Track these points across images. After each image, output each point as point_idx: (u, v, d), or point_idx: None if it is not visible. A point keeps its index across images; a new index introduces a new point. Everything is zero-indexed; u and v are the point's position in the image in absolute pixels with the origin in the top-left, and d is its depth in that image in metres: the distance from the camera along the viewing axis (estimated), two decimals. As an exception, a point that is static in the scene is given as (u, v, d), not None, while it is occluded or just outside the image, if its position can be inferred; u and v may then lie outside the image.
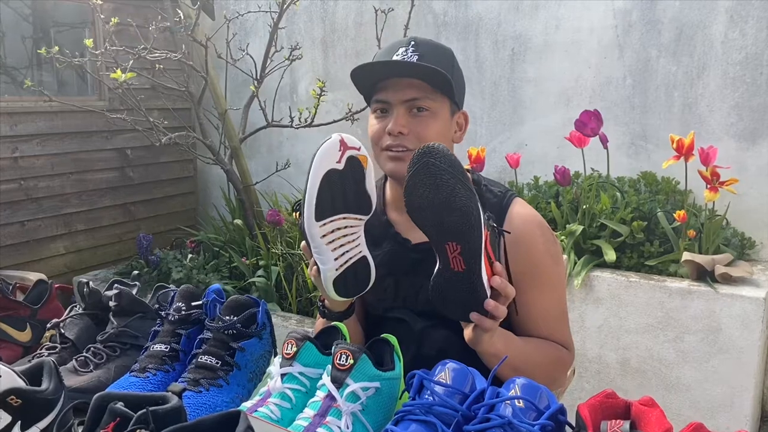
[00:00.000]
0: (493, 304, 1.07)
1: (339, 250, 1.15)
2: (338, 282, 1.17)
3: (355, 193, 1.16)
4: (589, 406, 0.91)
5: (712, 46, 2.91)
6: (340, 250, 1.15)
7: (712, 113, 2.95)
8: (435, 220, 1.04)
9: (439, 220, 1.03)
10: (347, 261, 1.17)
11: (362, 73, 1.29)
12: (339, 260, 1.15)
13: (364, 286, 1.21)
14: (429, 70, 1.24)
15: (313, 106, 3.14)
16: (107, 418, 0.86)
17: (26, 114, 3.32)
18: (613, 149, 2.95)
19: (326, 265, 1.15)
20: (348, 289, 1.19)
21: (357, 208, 1.17)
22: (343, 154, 1.14)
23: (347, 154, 1.14)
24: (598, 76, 3.18)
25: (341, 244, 1.15)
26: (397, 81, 1.27)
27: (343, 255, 1.16)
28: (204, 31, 3.41)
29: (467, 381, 0.99)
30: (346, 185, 1.15)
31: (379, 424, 1.03)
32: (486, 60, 3.46)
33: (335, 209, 1.14)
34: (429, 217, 1.04)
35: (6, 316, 1.38)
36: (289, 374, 1.09)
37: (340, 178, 1.14)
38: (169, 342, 1.23)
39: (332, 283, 1.16)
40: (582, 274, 2.59)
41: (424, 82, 1.26)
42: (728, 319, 2.38)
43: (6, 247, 3.21)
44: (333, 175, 1.13)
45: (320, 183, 1.11)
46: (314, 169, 1.11)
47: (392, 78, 1.28)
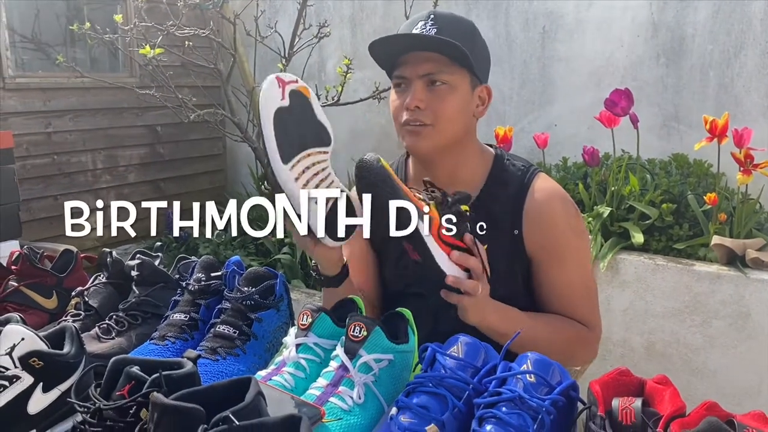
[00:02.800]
0: (452, 279, 1.09)
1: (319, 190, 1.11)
2: (328, 224, 1.10)
3: (309, 126, 1.14)
4: (601, 382, 0.90)
5: (751, 24, 2.81)
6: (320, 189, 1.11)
7: (749, 94, 2.86)
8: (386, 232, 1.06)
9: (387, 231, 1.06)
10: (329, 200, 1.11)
11: (379, 47, 1.28)
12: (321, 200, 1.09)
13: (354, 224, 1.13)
14: (444, 43, 1.22)
15: (340, 84, 3.13)
16: (123, 381, 0.88)
17: (59, 90, 3.38)
18: (644, 130, 2.88)
19: (310, 208, 1.09)
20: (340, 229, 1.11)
21: (317, 140, 1.14)
22: (284, 90, 1.11)
23: (288, 89, 1.11)
24: (630, 55, 3.11)
25: (316, 184, 1.12)
26: (415, 55, 1.26)
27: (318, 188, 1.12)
28: (233, 8, 3.42)
29: (480, 355, 0.99)
30: (298, 120, 1.12)
31: (391, 395, 1.03)
32: (516, 38, 3.40)
33: (296, 146, 1.10)
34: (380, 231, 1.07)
35: (33, 283, 1.41)
36: (303, 344, 1.10)
37: (289, 114, 1.11)
38: (189, 311, 1.25)
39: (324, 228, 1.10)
40: (609, 257, 2.56)
41: (441, 56, 1.24)
42: (758, 305, 2.33)
43: (39, 220, 3.29)
44: (282, 113, 1.10)
45: (273, 125, 1.09)
46: (263, 115, 1.09)
47: (410, 53, 1.27)
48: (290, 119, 1.11)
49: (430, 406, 0.93)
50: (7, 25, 3.19)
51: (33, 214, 3.23)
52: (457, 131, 1.29)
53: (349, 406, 0.99)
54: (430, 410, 0.93)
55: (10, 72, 3.17)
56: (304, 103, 1.14)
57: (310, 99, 1.15)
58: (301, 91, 1.13)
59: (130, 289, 1.37)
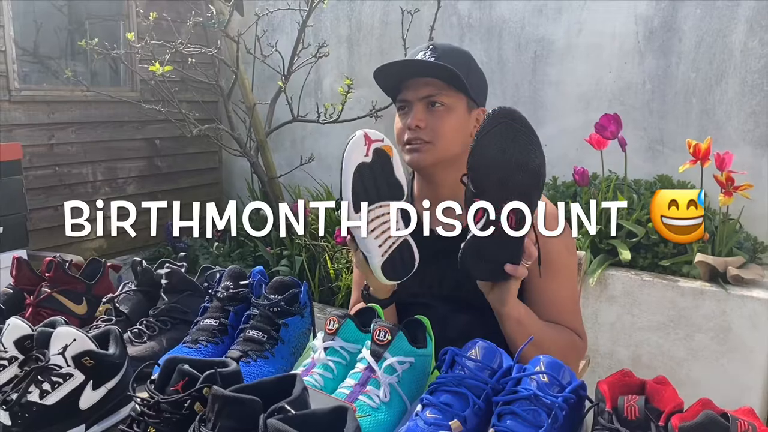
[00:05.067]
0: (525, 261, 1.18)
1: (381, 237, 1.24)
2: (386, 268, 1.24)
3: (386, 182, 1.25)
4: (608, 383, 1.00)
5: (732, 54, 2.98)
6: (382, 237, 1.24)
7: (730, 120, 3.02)
8: (501, 178, 1.12)
9: (505, 179, 1.12)
10: (391, 246, 1.25)
11: (382, 74, 1.40)
12: (383, 247, 1.24)
13: (411, 268, 1.29)
14: (440, 67, 1.34)
15: (340, 102, 3.24)
16: (176, 377, 0.96)
17: (63, 103, 3.45)
18: (631, 152, 3.02)
19: (372, 253, 1.23)
20: (396, 272, 1.27)
21: (391, 195, 1.25)
22: (369, 148, 1.22)
23: (373, 146, 1.23)
24: (618, 81, 3.26)
25: (383, 231, 1.24)
26: (415, 81, 1.38)
27: (386, 241, 1.24)
28: (237, 27, 3.52)
29: (496, 358, 1.09)
30: (376, 176, 1.23)
31: (413, 395, 1.13)
32: (508, 61, 3.54)
33: (371, 200, 1.23)
34: (496, 174, 1.12)
35: (65, 290, 1.49)
36: (331, 348, 1.19)
37: (370, 170, 1.22)
38: (218, 317, 1.34)
39: (381, 270, 1.24)
40: (597, 273, 2.67)
41: (438, 80, 1.36)
42: (739, 320, 2.46)
43: (40, 230, 3.34)
44: (363, 168, 1.22)
45: (353, 178, 1.20)
46: (345, 166, 1.21)
47: (412, 79, 1.38)
48: (369, 174, 1.22)
49: (453, 404, 1.02)
50: (14, 39, 3.26)
51: (34, 224, 3.28)
52: (454, 148, 1.40)
53: (377, 403, 1.08)
54: (453, 407, 1.02)
55: (16, 85, 3.23)
56: (385, 162, 1.24)
57: (392, 158, 1.25)
58: (384, 150, 1.24)
59: (158, 296, 1.45)
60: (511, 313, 1.25)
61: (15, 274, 1.51)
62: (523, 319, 1.26)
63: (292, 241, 3.30)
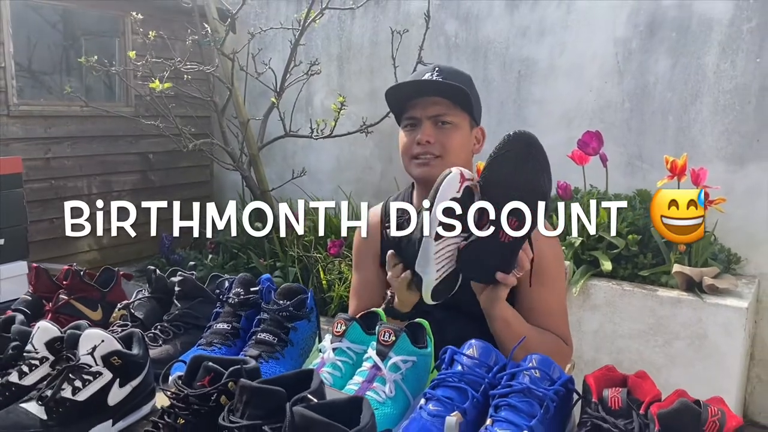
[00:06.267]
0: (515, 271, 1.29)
1: (441, 262, 1.31)
2: (436, 290, 1.32)
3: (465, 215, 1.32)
4: (594, 377, 1.11)
5: (705, 76, 3.14)
6: (442, 262, 1.31)
7: (704, 137, 3.17)
8: (510, 197, 1.22)
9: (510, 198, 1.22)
10: (445, 272, 1.32)
11: (395, 92, 1.51)
12: (440, 271, 1.31)
13: (450, 292, 1.36)
14: (452, 88, 1.45)
15: (333, 119, 3.35)
16: (202, 373, 1.05)
17: (60, 117, 3.52)
18: (611, 168, 3.16)
19: (429, 275, 1.30)
20: (440, 295, 1.34)
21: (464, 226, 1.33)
22: (461, 185, 1.31)
23: (464, 184, 1.31)
24: (598, 100, 3.41)
25: (445, 257, 1.32)
26: (423, 100, 1.49)
27: (444, 267, 1.32)
28: (233, 46, 3.62)
29: (491, 356, 1.19)
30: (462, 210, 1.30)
31: (415, 391, 1.22)
32: (494, 80, 3.68)
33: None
34: (506, 193, 1.22)
35: (81, 297, 1.57)
36: (339, 348, 1.29)
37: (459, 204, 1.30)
38: (231, 321, 1.42)
39: (431, 291, 1.31)
40: (580, 283, 2.79)
41: (447, 100, 1.47)
42: (714, 327, 2.59)
43: (36, 242, 3.39)
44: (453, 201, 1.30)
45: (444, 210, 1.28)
46: (441, 197, 1.28)
47: (420, 97, 1.49)
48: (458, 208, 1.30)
49: (454, 397, 1.13)
50: (13, 55, 3.33)
51: (31, 236, 3.33)
52: (460, 163, 1.50)
53: (383, 398, 1.18)
54: (454, 400, 1.12)
55: (14, 100, 3.30)
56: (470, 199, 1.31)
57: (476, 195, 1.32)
58: (471, 189, 1.32)
59: (170, 303, 1.54)
60: (499, 314, 1.36)
61: (34, 281, 1.58)
62: (511, 320, 1.37)
63: (285, 253, 3.38)
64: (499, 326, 1.38)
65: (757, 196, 3.07)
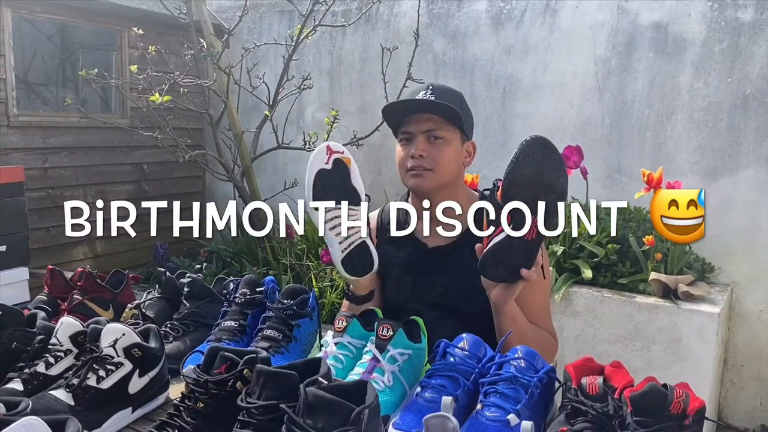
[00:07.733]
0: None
1: (340, 235, 1.44)
2: (345, 262, 1.44)
3: (343, 188, 1.46)
4: (573, 366, 1.23)
5: (680, 94, 3.30)
6: (341, 235, 1.44)
7: (679, 152, 3.33)
8: (532, 197, 1.33)
9: (535, 197, 1.33)
10: (350, 245, 1.45)
11: (391, 109, 1.63)
12: (343, 244, 1.44)
13: (369, 267, 1.48)
14: (443, 106, 1.57)
15: (326, 132, 3.47)
16: (219, 362, 1.16)
17: (58, 128, 3.60)
18: (592, 181, 3.31)
19: (332, 248, 1.44)
20: (355, 269, 1.46)
21: (347, 199, 1.46)
22: (330, 158, 1.44)
23: (333, 157, 1.45)
24: (579, 116, 3.56)
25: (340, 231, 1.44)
26: (417, 116, 1.61)
27: (346, 239, 1.44)
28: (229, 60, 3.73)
29: (481, 349, 1.31)
30: (335, 182, 1.45)
31: (411, 381, 1.33)
32: (480, 97, 3.82)
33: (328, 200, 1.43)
34: (527, 194, 1.33)
35: (94, 297, 1.66)
36: (340, 343, 1.40)
37: (330, 176, 1.44)
38: (238, 319, 1.52)
39: (341, 263, 1.44)
40: (562, 290, 2.92)
41: (439, 116, 1.59)
42: (688, 332, 2.72)
43: (33, 250, 3.46)
44: (323, 173, 1.43)
45: (313, 181, 1.43)
46: (309, 171, 1.43)
47: (415, 114, 1.61)
48: (329, 180, 1.45)
49: (447, 385, 1.24)
50: (14, 67, 3.42)
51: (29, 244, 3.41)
52: (451, 175, 1.63)
53: (382, 387, 1.29)
54: (447, 388, 1.23)
55: (14, 111, 3.38)
56: (344, 170, 1.46)
57: (350, 168, 1.47)
58: (343, 161, 1.46)
59: (179, 303, 1.64)
60: (509, 310, 1.48)
61: (49, 282, 1.68)
62: (517, 317, 1.48)
63: (278, 261, 3.48)
64: (506, 322, 1.49)
65: (730, 208, 3.23)
